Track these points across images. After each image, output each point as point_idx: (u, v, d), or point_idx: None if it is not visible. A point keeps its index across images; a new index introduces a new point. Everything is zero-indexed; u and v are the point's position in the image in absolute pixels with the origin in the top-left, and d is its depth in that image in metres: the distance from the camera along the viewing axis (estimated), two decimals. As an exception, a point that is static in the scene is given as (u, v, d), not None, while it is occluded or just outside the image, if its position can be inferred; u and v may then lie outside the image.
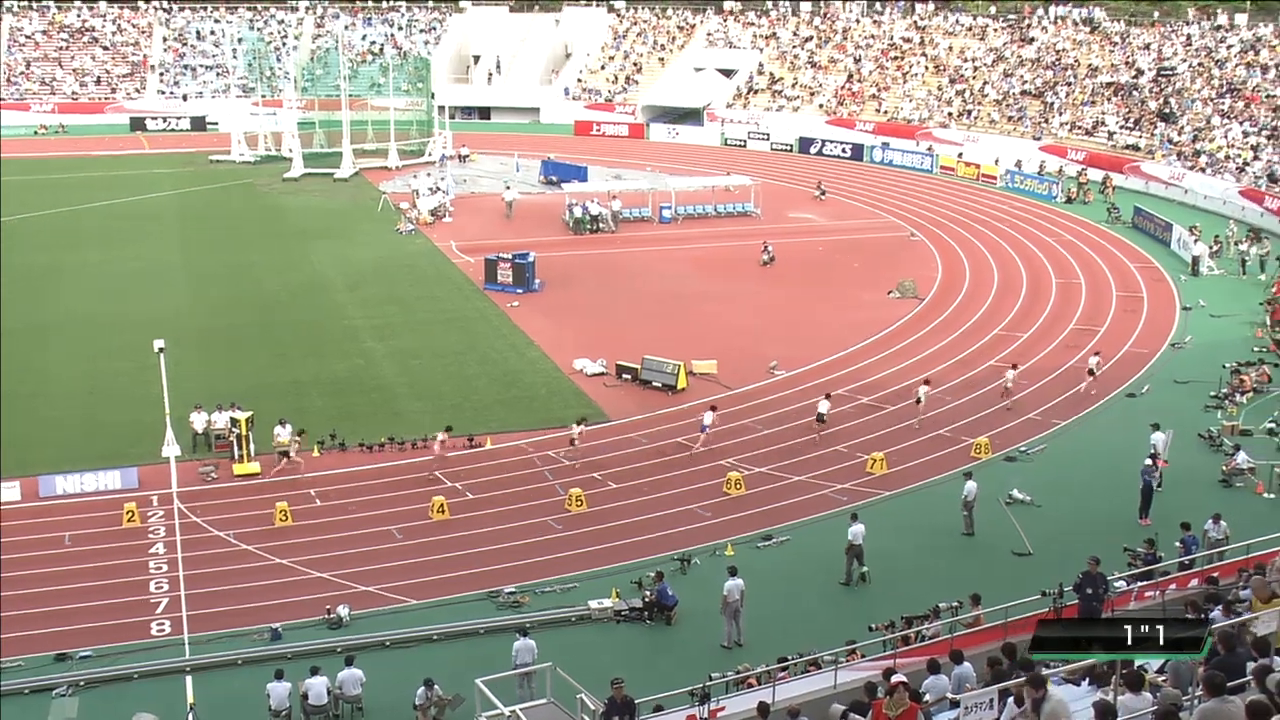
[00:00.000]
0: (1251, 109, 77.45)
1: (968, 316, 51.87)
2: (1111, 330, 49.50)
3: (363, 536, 32.19)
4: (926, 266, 60.39)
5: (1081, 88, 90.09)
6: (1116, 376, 44.19)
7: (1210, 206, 70.84)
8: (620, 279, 57.76)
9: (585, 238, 66.46)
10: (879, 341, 48.45)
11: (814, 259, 62.03)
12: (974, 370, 44.84)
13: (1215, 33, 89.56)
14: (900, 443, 38.25)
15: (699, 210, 72.05)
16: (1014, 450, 37.81)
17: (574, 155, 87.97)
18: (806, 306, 53.49)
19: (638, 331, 49.09)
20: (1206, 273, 58.27)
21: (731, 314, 52.36)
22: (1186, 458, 36.30)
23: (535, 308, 52.94)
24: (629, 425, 39.72)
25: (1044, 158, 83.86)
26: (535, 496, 34.63)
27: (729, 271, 59.35)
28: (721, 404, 41.05)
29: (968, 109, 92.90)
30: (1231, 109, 78.72)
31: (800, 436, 38.71)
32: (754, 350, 46.78)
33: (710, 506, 34.05)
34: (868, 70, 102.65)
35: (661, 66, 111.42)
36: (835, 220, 71.47)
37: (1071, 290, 55.89)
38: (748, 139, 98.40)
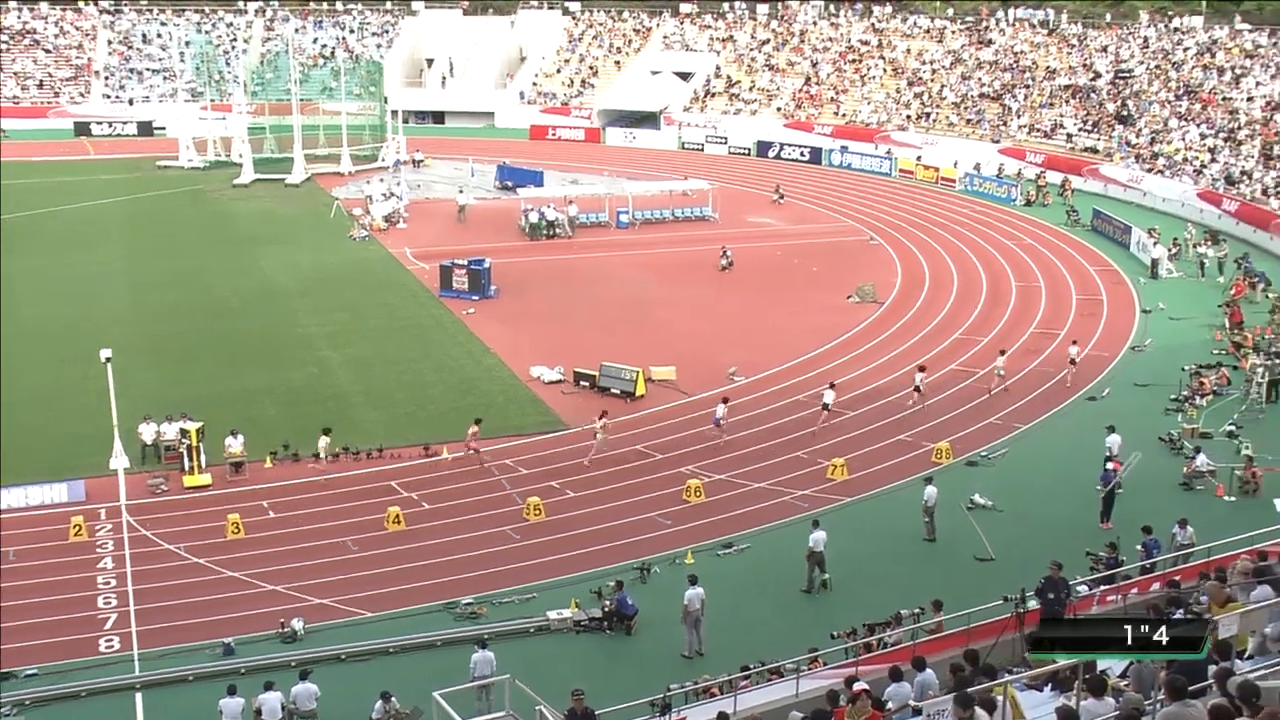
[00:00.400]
0: (1208, 111, 78.38)
1: (927, 320, 52.17)
2: (1071, 333, 49.89)
3: (317, 548, 31.99)
4: (886, 271, 60.72)
5: (1040, 90, 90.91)
6: (1077, 380, 44.55)
7: (1169, 209, 71.60)
8: (577, 285, 57.73)
9: (541, 243, 66.40)
10: (838, 347, 48.67)
11: (773, 264, 62.24)
12: (933, 375, 45.10)
13: (1172, 35, 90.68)
14: (861, 448, 38.43)
15: (656, 215, 72.14)
16: (975, 455, 38.06)
17: (530, 160, 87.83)
18: (765, 312, 53.66)
19: (595, 338, 49.08)
20: (1166, 275, 58.88)
21: (690, 319, 52.46)
22: (1147, 461, 36.62)
23: (491, 314, 52.84)
24: (588, 433, 39.67)
25: (1003, 160, 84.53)
26: (493, 506, 34.55)
27: (687, 277, 59.45)
28: (680, 410, 41.12)
29: (926, 112, 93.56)
30: (1189, 111, 79.65)
31: (761, 442, 38.85)
32: (713, 356, 46.87)
33: (670, 514, 34.08)
34: (825, 73, 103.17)
35: (618, 70, 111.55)
36: (794, 224, 71.74)
37: (1031, 294, 56.34)
38: (705, 143, 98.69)
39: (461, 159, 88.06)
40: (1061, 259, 62.97)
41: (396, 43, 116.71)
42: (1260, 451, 36.22)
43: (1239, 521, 29.74)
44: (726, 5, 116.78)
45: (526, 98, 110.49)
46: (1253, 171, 69.29)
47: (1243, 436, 38.06)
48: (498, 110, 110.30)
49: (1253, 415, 40.35)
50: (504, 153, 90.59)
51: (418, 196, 76.43)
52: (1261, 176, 68.26)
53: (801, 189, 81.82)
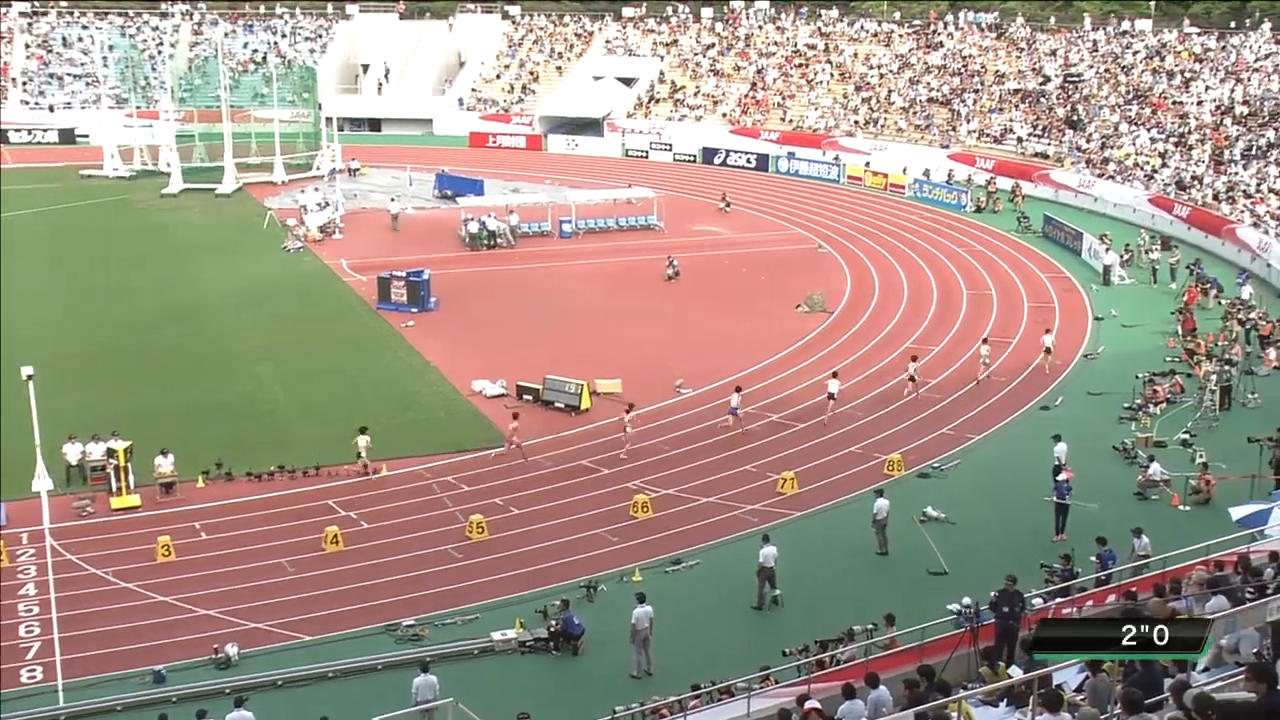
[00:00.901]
0: (1159, 115, 79.50)
1: (878, 329, 52.53)
2: (1024, 341, 50.43)
3: (252, 570, 31.71)
4: (835, 279, 61.10)
5: (989, 94, 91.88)
6: (1029, 389, 45.03)
7: (1120, 214, 72.53)
8: (520, 296, 57.67)
9: (482, 254, 66.27)
10: (787, 357, 48.88)
11: (719, 273, 62.45)
12: (884, 385, 45.42)
13: (1121, 39, 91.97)
14: (811, 461, 38.60)
15: (600, 224, 72.24)
16: (928, 466, 38.34)
17: (469, 168, 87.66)
18: (712, 322, 53.83)
19: (539, 350, 49.02)
20: (1118, 282, 59.61)
21: (635, 331, 52.53)
22: (1101, 470, 37.06)
23: (431, 327, 52.66)
24: (531, 448, 39.62)
25: (952, 166, 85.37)
26: (434, 524, 34.40)
27: (632, 287, 59.54)
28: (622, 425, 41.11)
29: (874, 117, 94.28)
30: (1139, 116, 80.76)
31: (710, 456, 38.94)
32: (659, 368, 46.94)
33: (617, 531, 34.07)
34: (772, 78, 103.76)
35: (559, 75, 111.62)
36: (741, 233, 72.06)
37: (983, 301, 56.87)
38: (649, 150, 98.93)
39: (399, 168, 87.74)
40: (1013, 266, 63.62)
41: (331, 48, 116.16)
42: (1214, 460, 36.70)
43: (1194, 531, 30.13)
44: (670, 9, 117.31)
45: (465, 104, 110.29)
46: (1203, 176, 70.34)
47: (1196, 445, 38.58)
48: (436, 117, 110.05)
49: (1206, 423, 40.88)
50: (443, 161, 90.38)
51: (354, 206, 76.04)
52: (1212, 181, 69.28)
53: (748, 197, 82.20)
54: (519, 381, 44.40)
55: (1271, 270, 58.36)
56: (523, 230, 69.84)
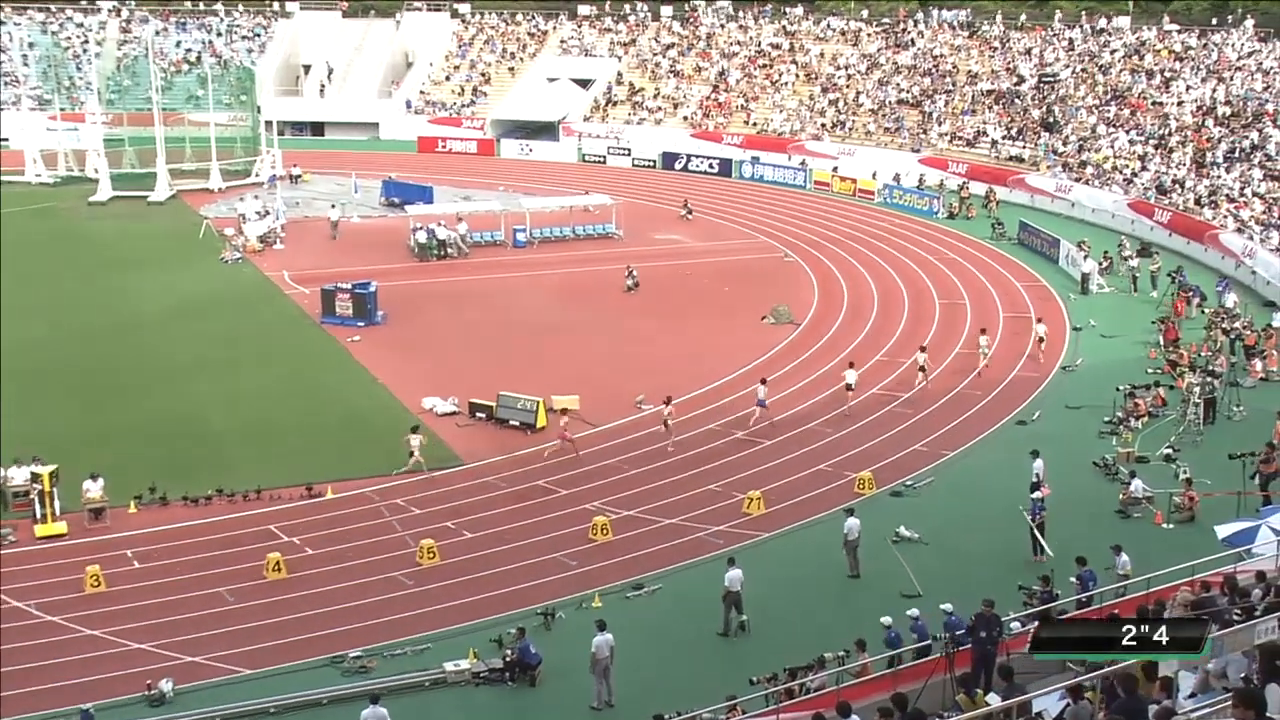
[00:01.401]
0: (1138, 117, 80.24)
1: (847, 341, 52.71)
2: (999, 353, 50.69)
3: (188, 601, 31.46)
4: (802, 289, 61.31)
5: (961, 96, 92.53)
6: (1005, 403, 45.28)
7: (1099, 220, 73.13)
8: (472, 309, 57.57)
9: (432, 265, 66.15)
10: (753, 371, 48.95)
11: (681, 283, 62.56)
12: (855, 399, 45.57)
13: (1097, 37, 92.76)
14: (779, 479, 38.67)
15: (556, 233, 72.24)
16: (900, 484, 38.46)
17: (418, 174, 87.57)
18: (674, 335, 53.90)
19: (492, 366, 48.95)
20: (1096, 291, 60.04)
21: (594, 344, 52.53)
22: (1081, 487, 37.28)
23: (379, 342, 52.48)
24: (485, 468, 39.54)
25: (924, 171, 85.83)
26: (383, 549, 34.25)
27: (590, 298, 59.56)
28: (583, 443, 41.08)
29: (842, 120, 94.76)
30: (1117, 117, 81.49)
31: (672, 475, 38.94)
32: (618, 383, 46.95)
33: (575, 554, 34.01)
34: (734, 79, 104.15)
35: (512, 77, 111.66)
36: (703, 241, 72.21)
37: (956, 312, 57.17)
38: (607, 155, 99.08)
39: (344, 174, 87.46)
40: (987, 275, 64.00)
41: (269, 47, 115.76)
42: (1198, 475, 36.93)
43: (1178, 550, 30.32)
44: (627, 7, 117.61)
45: (413, 107, 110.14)
46: (1185, 180, 70.91)
47: (1180, 460, 38.81)
48: (382, 121, 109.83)
49: (1190, 437, 41.20)
50: (390, 167, 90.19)
51: (296, 215, 75.74)
52: (1194, 185, 69.86)
53: (711, 203, 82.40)
54: (471, 398, 44.31)
55: (1256, 277, 58.94)
56: (474, 239, 69.74)
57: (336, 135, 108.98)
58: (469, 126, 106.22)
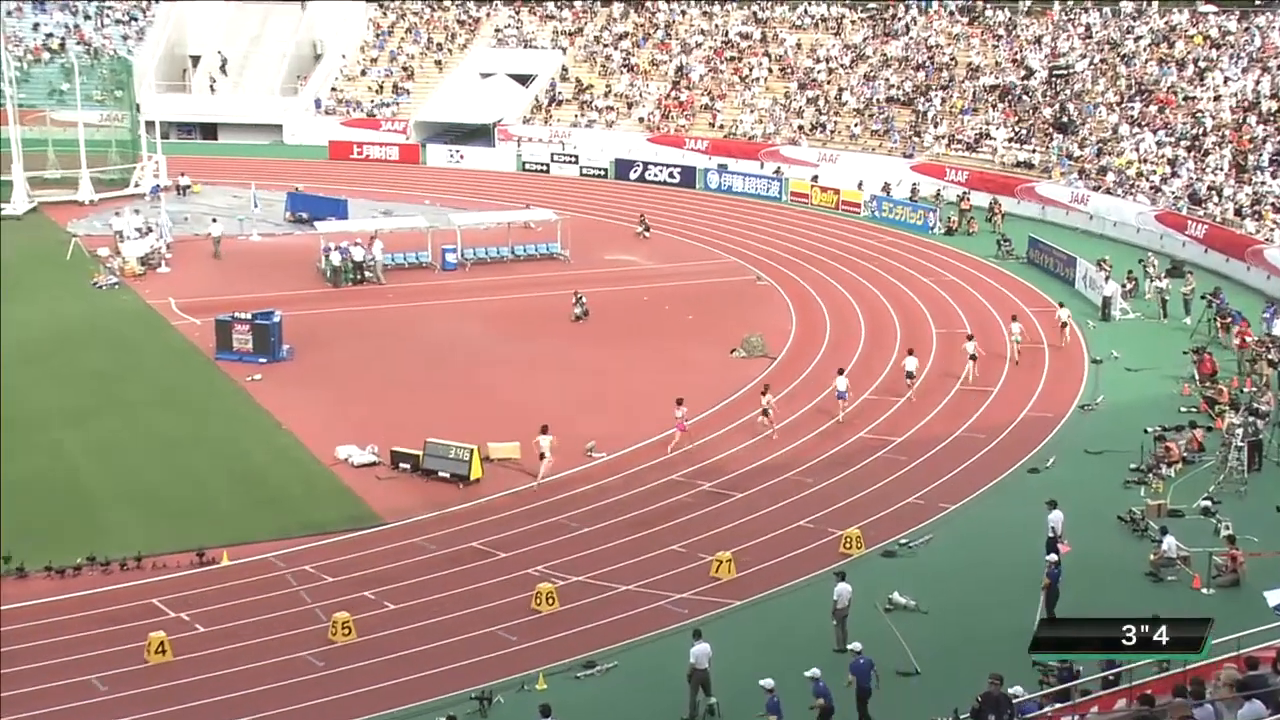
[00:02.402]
0: (1167, 114, 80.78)
1: (830, 377, 52.79)
2: (1006, 390, 50.96)
3: (53, 691, 31.04)
4: (778, 317, 61.51)
5: (960, 92, 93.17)
6: (1015, 448, 45.43)
7: (1122, 235, 73.68)
8: (394, 342, 57.48)
9: (347, 290, 66.04)
10: (721, 413, 49.03)
11: (638, 311, 62.76)
12: (840, 444, 45.67)
13: (1120, 22, 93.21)
14: (752, 538, 38.65)
15: (492, 253, 72.36)
16: (893, 543, 38.51)
17: (329, 185, 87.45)
18: (630, 371, 53.98)
19: (418, 409, 48.87)
20: (1120, 317, 60.38)
21: (537, 382, 52.47)
22: (1105, 546, 37.37)
23: (284, 381, 52.28)
24: (411, 528, 39.38)
25: (917, 179, 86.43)
26: (288, 625, 34.03)
27: (533, 329, 59.59)
28: (526, 498, 41.02)
29: (822, 121, 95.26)
30: (1143, 115, 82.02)
31: (628, 534, 38.86)
32: (566, 427, 46.81)
33: (516, 628, 33.92)
34: (698, 75, 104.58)
35: (439, 72, 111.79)
36: (663, 263, 72.44)
37: (956, 343, 57.32)
38: (551, 162, 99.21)
39: (242, 185, 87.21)
40: (992, 299, 64.34)
41: (150, 34, 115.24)
42: (1242, 532, 37.02)
43: (1220, 619, 30.31)
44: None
45: (323, 107, 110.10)
46: (1222, 187, 71.29)
47: (1221, 514, 38.85)
48: (287, 123, 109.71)
49: (1232, 487, 41.27)
50: (296, 177, 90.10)
51: (184, 233, 75.44)
52: (1233, 193, 70.17)
53: (671, 219, 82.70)
54: (394, 447, 44.15)
55: (1307, 300, 59.23)
56: (396, 261, 69.71)
57: (232, 139, 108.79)
58: (389, 130, 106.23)
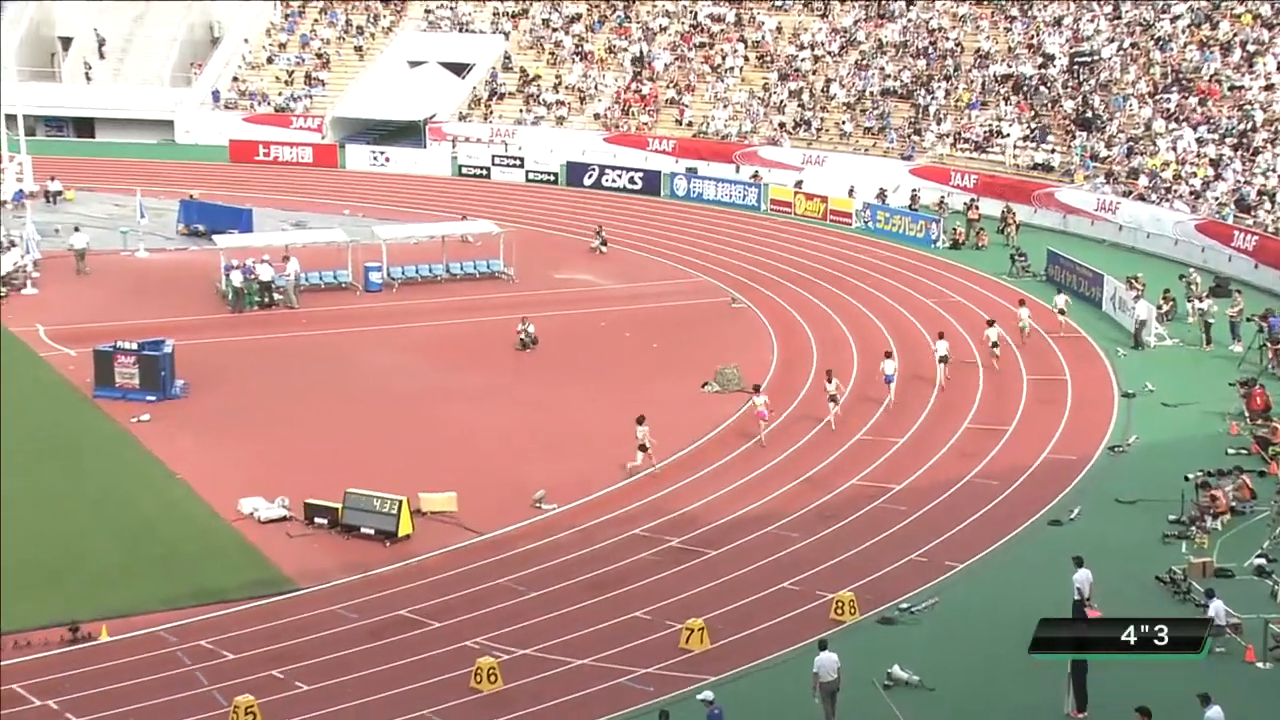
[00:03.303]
0: (1209, 107, 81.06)
1: (817, 416, 52.95)
2: (1023, 429, 51.07)
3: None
4: (756, 345, 61.65)
5: (967, 83, 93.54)
6: (1034, 496, 45.52)
7: (1156, 248, 74.09)
8: (308, 376, 57.43)
9: (252, 316, 65.94)
10: (690, 458, 49.03)
11: (594, 339, 62.93)
12: (829, 493, 45.72)
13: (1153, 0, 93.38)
14: (727, 603, 38.62)
15: (424, 272, 72.49)
16: (892, 608, 38.56)
17: (231, 193, 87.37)
18: (585, 409, 54.00)
19: (337, 454, 48.84)
20: (1155, 343, 60.49)
21: (477, 423, 52.43)
22: (1142, 611, 37.25)
23: (177, 422, 52.12)
24: (328, 594, 39.25)
25: (918, 185, 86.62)
26: (181, 710, 33.87)
27: (472, 360, 59.65)
28: (465, 556, 40.96)
29: (807, 118, 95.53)
30: (1181, 108, 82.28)
31: (584, 598, 38.85)
32: (510, 475, 46.88)
33: (452, 709, 33.88)
34: (662, 64, 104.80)
35: (360, 60, 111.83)
36: (623, 282, 72.64)
37: (964, 374, 57.51)
38: (492, 166, 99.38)
39: (125, 191, 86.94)
40: (1004, 321, 64.34)
41: (7, 10, 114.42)
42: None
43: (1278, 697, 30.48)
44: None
45: (223, 100, 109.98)
46: (1275, 192, 71.53)
47: (1277, 573, 38.97)
48: (179, 118, 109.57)
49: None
50: (190, 183, 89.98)
51: (54, 247, 75.10)
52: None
53: (633, 231, 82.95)
54: (308, 499, 44.01)
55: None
56: (311, 282, 69.71)
57: (113, 136, 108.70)
58: (301, 127, 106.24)
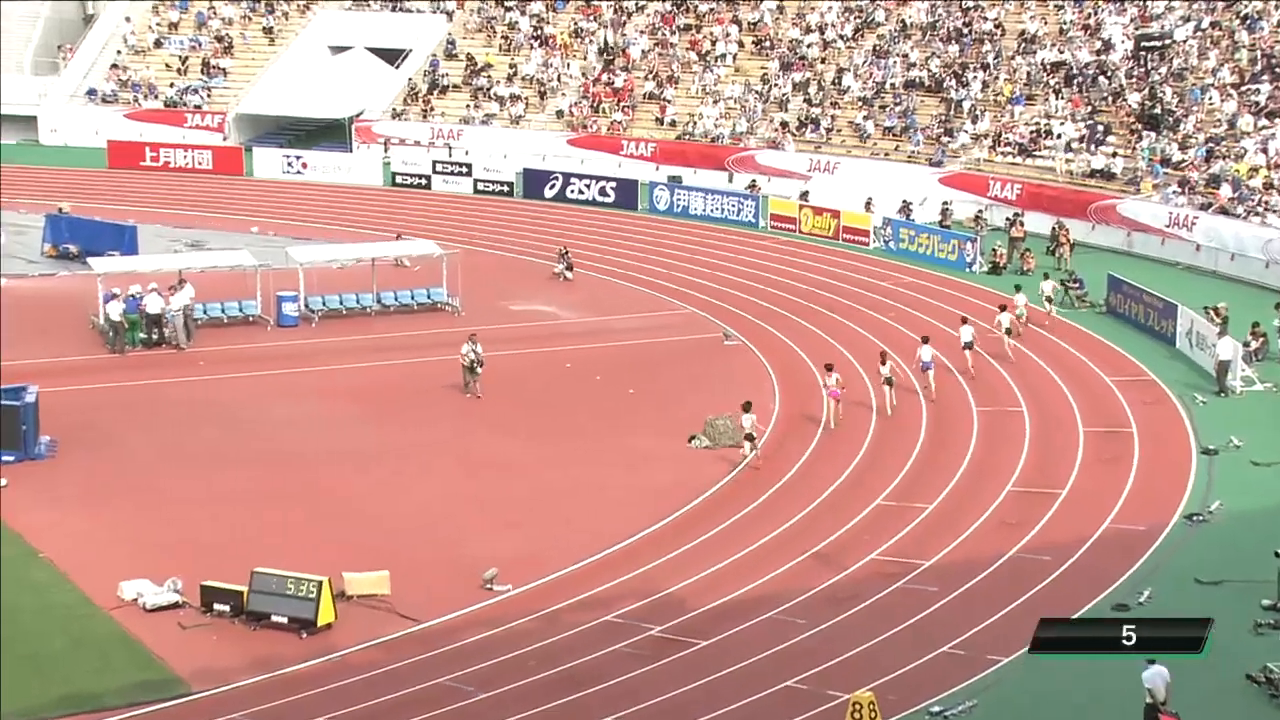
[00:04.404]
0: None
1: (827, 477, 52.90)
2: (1080, 493, 51.02)
3: None
4: (754, 391, 61.44)
5: (1009, 72, 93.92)
6: (1094, 575, 45.42)
7: (1243, 272, 74.36)
8: (205, 431, 57.37)
9: (136, 357, 65.89)
10: (673, 528, 48.94)
11: (558, 384, 63.05)
12: (843, 571, 45.71)
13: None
14: (716, 708, 38.59)
15: (350, 303, 72.73)
16: (921, 711, 38.66)
17: (110, 206, 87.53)
18: (546, 468, 53.96)
19: (241, 526, 48.71)
20: (1241, 388, 60.60)
21: (414, 486, 52.39)
22: (1230, 716, 37.48)
23: (42, 488, 51.98)
24: (230, 698, 39.14)
25: (950, 196, 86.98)
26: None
27: (409, 411, 59.72)
28: (400, 649, 40.93)
29: (815, 116, 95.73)
30: (1273, 101, 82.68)
31: (542, 703, 38.85)
32: (455, 550, 46.83)
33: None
34: (639, 51, 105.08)
35: (270, 44, 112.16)
36: (592, 315, 72.90)
37: (1007, 425, 57.58)
38: (434, 174, 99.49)
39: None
40: (1057, 364, 64.67)
41: None
42: None
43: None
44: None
45: (99, 93, 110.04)
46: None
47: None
48: (43, 114, 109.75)
49: None
50: (60, 194, 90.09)
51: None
52: None
53: (604, 253, 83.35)
54: (205, 581, 43.80)
55: None
56: (210, 315, 69.77)
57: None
58: (198, 126, 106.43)
